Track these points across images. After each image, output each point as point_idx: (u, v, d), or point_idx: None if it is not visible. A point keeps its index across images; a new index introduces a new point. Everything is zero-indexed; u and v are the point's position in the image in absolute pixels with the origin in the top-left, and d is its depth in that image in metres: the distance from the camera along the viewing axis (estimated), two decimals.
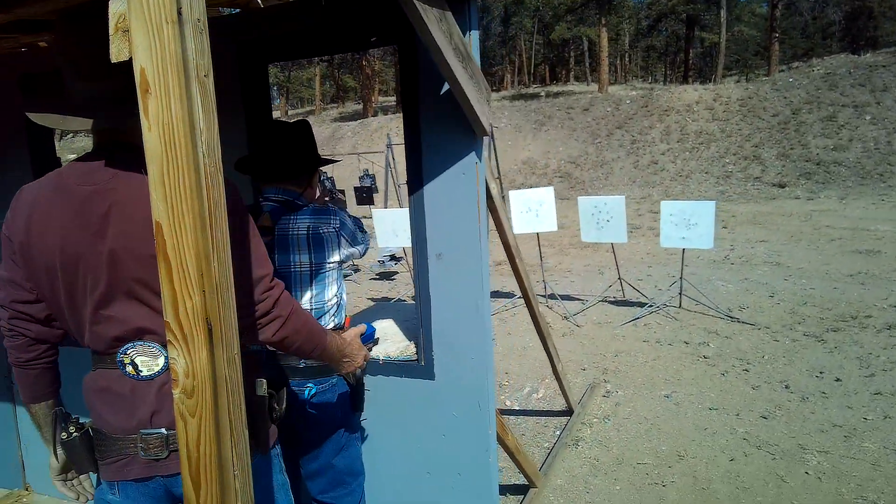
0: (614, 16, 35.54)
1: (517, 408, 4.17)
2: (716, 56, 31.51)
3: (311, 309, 1.87)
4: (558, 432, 3.72)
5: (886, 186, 14.09)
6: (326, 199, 2.34)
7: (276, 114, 25.48)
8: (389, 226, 6.39)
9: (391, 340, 2.36)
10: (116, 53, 0.87)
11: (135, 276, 1.13)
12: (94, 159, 1.18)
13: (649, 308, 6.09)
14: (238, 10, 2.34)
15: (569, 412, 3.90)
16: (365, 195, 10.61)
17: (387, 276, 8.91)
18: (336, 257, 1.91)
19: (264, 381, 1.29)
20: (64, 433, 1.24)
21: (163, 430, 1.17)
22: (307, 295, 1.87)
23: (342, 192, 8.96)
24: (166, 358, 1.14)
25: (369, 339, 1.77)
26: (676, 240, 5.80)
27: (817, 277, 7.02)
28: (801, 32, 39.74)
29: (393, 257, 8.94)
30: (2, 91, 2.62)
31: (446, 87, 1.95)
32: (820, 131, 16.45)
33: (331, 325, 1.92)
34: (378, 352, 2.23)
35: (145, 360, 1.17)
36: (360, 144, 21.92)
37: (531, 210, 6.40)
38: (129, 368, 1.18)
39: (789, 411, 3.78)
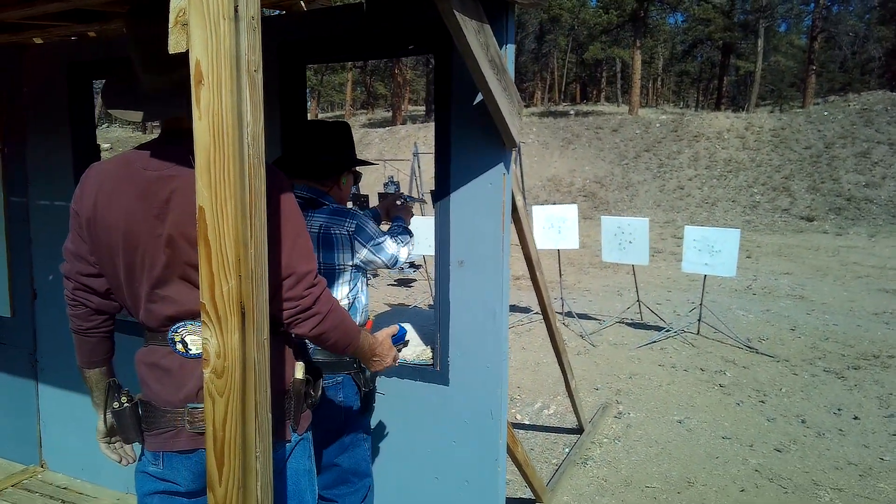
0: (649, 39, 35.49)
1: (527, 422, 4.16)
2: (750, 85, 31.29)
3: None
4: (567, 450, 3.70)
5: None
6: (399, 202, 2.37)
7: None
8: None
9: (408, 344, 2.38)
10: (174, 45, 0.92)
11: (190, 260, 1.17)
12: (160, 145, 1.24)
13: (667, 332, 6.03)
14: (283, 11, 2.42)
15: (579, 430, 3.88)
16: None
17: (405, 282, 8.95)
18: (348, 261, 1.92)
19: (303, 364, 1.34)
20: (116, 402, 1.30)
21: None
22: None
23: (410, 198, 8.95)
24: None
25: (400, 340, 1.79)
26: (699, 265, 5.75)
27: (841, 314, 6.89)
28: (839, 66, 39.24)
29: (412, 265, 8.99)
30: (47, 77, 2.72)
31: (479, 97, 1.99)
32: (853, 167, 16.18)
33: None
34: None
35: (194, 339, 1.23)
36: (386, 151, 22.09)
37: (554, 226, 6.40)
38: (179, 346, 1.24)
39: (804, 446, 3.71)
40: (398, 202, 2.36)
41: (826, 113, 18.74)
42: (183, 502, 1.31)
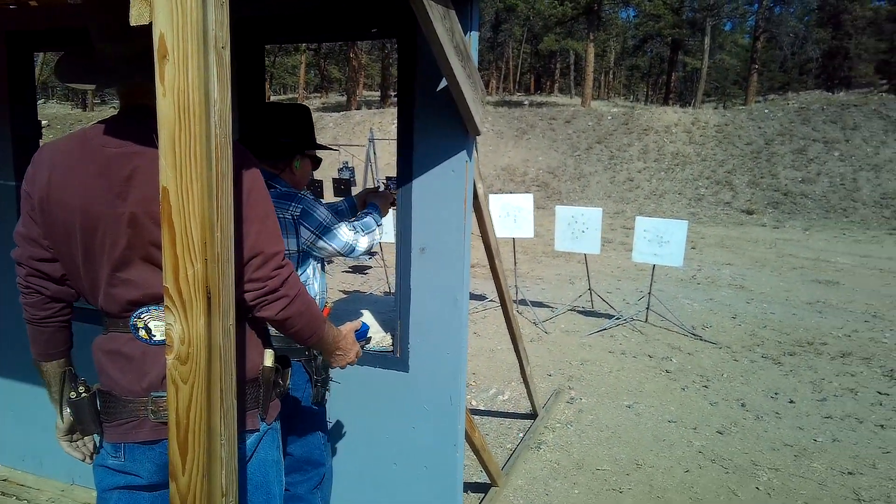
0: (602, 32, 36.09)
1: (483, 408, 4.21)
2: (697, 81, 32.29)
3: None
4: (521, 434, 3.77)
5: (849, 221, 14.62)
6: (380, 188, 2.31)
7: None
8: None
9: (370, 341, 2.37)
10: (137, 17, 0.88)
11: (154, 240, 1.12)
12: (120, 121, 1.18)
13: (617, 320, 6.21)
14: None
15: (533, 416, 3.96)
16: (343, 187, 10.55)
17: (360, 269, 8.88)
18: (293, 246, 1.87)
19: (273, 352, 1.30)
20: (73, 392, 1.25)
21: None
22: None
23: (393, 184, 8.67)
24: None
25: (362, 336, 1.76)
26: (648, 255, 5.93)
27: (778, 303, 7.25)
28: (779, 66, 40.91)
29: (368, 252, 8.91)
30: None
31: (443, 84, 1.98)
32: (790, 163, 16.97)
33: None
34: None
35: (158, 325, 1.18)
36: (341, 136, 21.77)
37: (510, 215, 6.47)
38: (143, 332, 1.18)
39: (744, 428, 3.90)
40: (380, 188, 2.32)
41: (767, 111, 19.56)
42: (144, 496, 1.26)
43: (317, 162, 2.14)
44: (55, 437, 1.36)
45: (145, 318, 1.18)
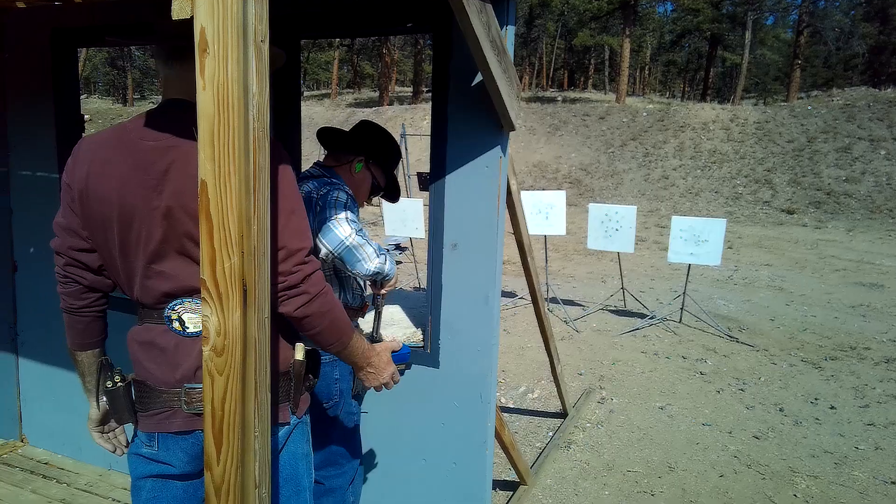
0: (639, 27, 35.44)
1: (512, 406, 4.19)
2: (736, 77, 31.48)
3: None
4: (551, 433, 3.74)
5: (895, 222, 14.07)
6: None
7: None
8: (398, 215, 6.41)
9: (398, 326, 2.37)
10: (178, 11, 0.88)
11: (189, 233, 1.13)
12: (158, 115, 1.19)
13: (650, 320, 6.10)
14: None
15: (563, 415, 3.92)
16: None
17: None
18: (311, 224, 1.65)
19: (303, 346, 1.30)
20: (109, 381, 1.26)
21: None
22: None
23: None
24: None
25: (403, 359, 1.61)
26: (685, 255, 5.81)
27: (819, 306, 7.02)
28: (823, 62, 39.63)
29: (398, 247, 8.95)
30: (30, 43, 2.63)
31: (478, 78, 1.96)
32: (834, 161, 16.42)
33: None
34: (385, 336, 2.24)
35: (192, 318, 1.18)
36: None
37: (541, 212, 6.41)
38: (176, 324, 1.19)
39: (782, 434, 3.79)
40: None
41: (809, 108, 18.95)
42: (177, 485, 1.27)
43: (376, 189, 2.11)
44: None
45: (179, 310, 1.18)
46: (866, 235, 12.87)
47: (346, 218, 1.77)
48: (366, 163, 2.03)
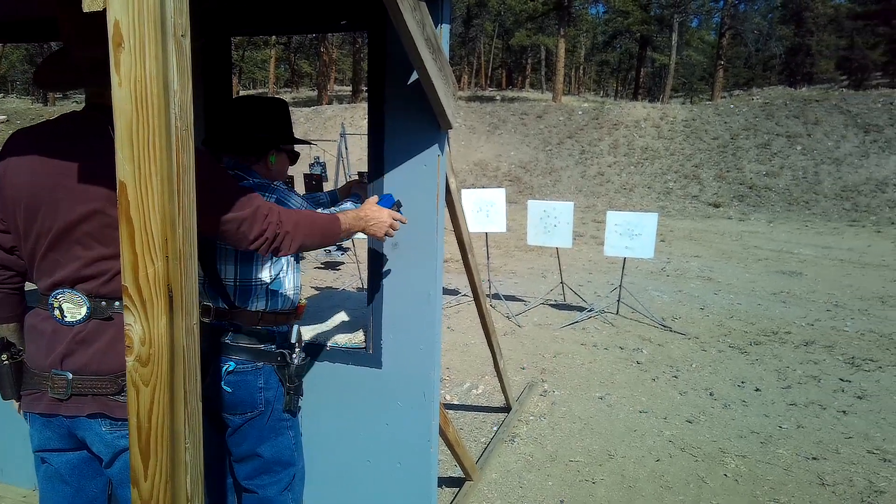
0: (573, 28, 36.32)
1: (457, 402, 4.21)
2: (665, 77, 32.76)
3: (237, 285, 1.77)
4: (495, 428, 3.78)
5: (811, 213, 15.03)
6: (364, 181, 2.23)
7: None
8: None
9: (339, 328, 2.34)
10: (90, 3, 0.83)
11: (84, 227, 1.24)
12: (77, 117, 1.32)
13: (588, 313, 6.27)
14: None
15: (507, 409, 3.97)
16: (314, 183, 10.42)
17: (332, 265, 8.80)
18: None
19: None
20: (3, 356, 1.38)
21: (68, 374, 1.27)
22: (231, 271, 1.76)
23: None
24: (88, 308, 1.26)
25: (390, 200, 1.82)
26: (620, 248, 6.00)
27: (744, 294, 7.41)
28: (744, 62, 41.81)
29: (340, 247, 8.83)
30: None
31: (414, 77, 1.96)
32: (755, 157, 17.36)
33: (260, 307, 1.80)
34: (326, 339, 2.21)
35: (70, 308, 1.27)
36: (312, 131, 21.52)
37: (482, 210, 6.47)
38: (56, 312, 1.28)
39: (712, 417, 3.98)
40: (363, 181, 2.25)
41: (732, 106, 19.95)
42: (64, 456, 1.38)
43: (294, 157, 2.08)
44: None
45: (60, 300, 1.27)
46: (785, 226, 13.68)
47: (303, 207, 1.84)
48: (277, 150, 1.91)
